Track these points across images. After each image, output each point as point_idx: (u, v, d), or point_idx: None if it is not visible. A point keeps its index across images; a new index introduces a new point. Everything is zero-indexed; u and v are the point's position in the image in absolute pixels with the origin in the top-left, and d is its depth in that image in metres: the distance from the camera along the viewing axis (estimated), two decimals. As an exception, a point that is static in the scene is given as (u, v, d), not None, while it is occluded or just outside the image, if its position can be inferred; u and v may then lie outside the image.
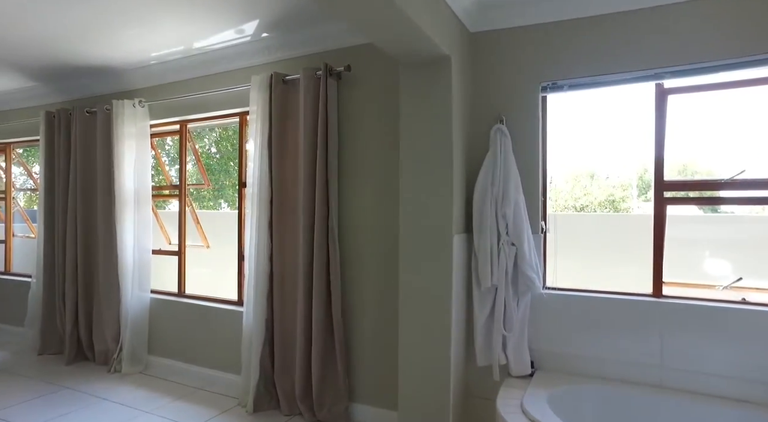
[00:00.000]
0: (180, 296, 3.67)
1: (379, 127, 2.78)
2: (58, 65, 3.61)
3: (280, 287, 2.98)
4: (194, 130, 10.91)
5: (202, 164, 4.12)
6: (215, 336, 3.37)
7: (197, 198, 11.28)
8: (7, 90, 4.40)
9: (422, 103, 2.37)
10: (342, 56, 2.88)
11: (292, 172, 2.99)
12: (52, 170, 4.07)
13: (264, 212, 3.00)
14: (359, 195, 2.84)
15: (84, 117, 3.85)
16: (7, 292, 4.69)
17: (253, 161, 3.04)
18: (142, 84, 3.74)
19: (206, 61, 3.35)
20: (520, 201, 2.34)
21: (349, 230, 2.87)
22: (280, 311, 2.97)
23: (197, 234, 4.14)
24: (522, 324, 2.35)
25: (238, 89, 3.24)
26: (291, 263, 2.98)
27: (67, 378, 3.48)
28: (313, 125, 2.84)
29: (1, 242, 5.04)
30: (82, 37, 3.04)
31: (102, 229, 3.75)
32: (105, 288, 3.72)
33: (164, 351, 3.61)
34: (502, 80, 2.52)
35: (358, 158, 2.85)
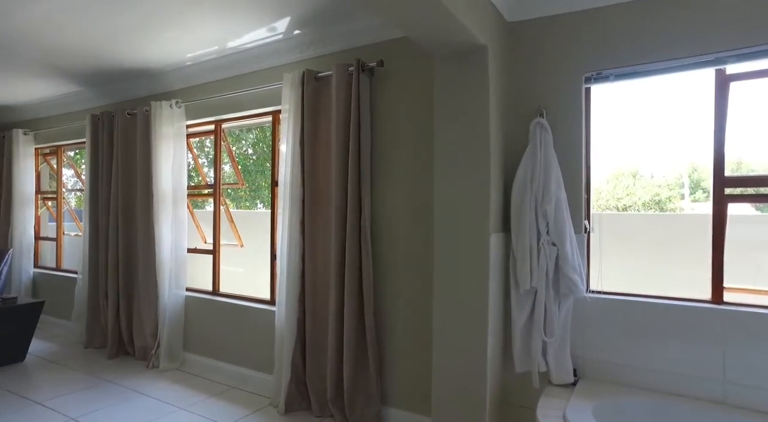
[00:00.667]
0: (214, 294, 3.71)
1: (413, 122, 2.70)
2: (102, 69, 3.73)
3: (312, 287, 2.95)
4: (232, 132, 11.14)
5: (236, 164, 4.16)
6: (248, 334, 3.38)
7: (234, 198, 11.53)
8: (58, 95, 4.60)
9: (458, 97, 2.27)
10: (374, 51, 2.82)
11: (325, 170, 2.95)
12: (97, 171, 4.21)
13: (296, 211, 2.97)
14: (392, 193, 2.77)
15: (125, 119, 3.96)
16: (58, 287, 4.90)
17: (285, 160, 3.02)
18: (179, 85, 3.81)
19: (239, 61, 3.37)
20: (561, 198, 2.20)
21: (382, 230, 2.80)
22: (312, 312, 2.94)
23: (232, 233, 4.18)
24: (564, 329, 2.21)
25: (271, 88, 3.23)
26: (323, 262, 2.94)
27: (109, 371, 3.58)
28: (345, 121, 2.79)
29: (53, 240, 5.28)
30: (123, 41, 3.11)
31: (141, 228, 3.84)
32: (144, 286, 3.81)
33: (199, 349, 3.66)
34: (542, 71, 2.38)
35: (392, 155, 2.78)
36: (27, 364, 3.80)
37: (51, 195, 5.36)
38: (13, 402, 3.04)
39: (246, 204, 11.96)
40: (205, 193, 4.10)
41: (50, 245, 5.36)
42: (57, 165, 5.19)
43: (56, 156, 5.18)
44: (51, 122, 5.02)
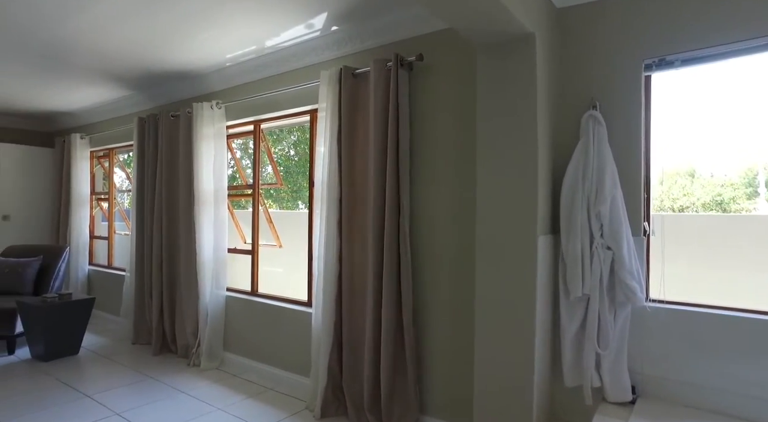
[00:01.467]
0: (253, 295, 3.71)
1: (454, 118, 2.57)
2: (147, 73, 3.82)
3: (348, 289, 2.88)
4: (273, 133, 11.25)
5: (275, 164, 4.16)
6: (286, 336, 3.35)
7: (277, 199, 11.73)
8: (110, 100, 4.78)
9: (502, 90, 2.13)
10: (414, 45, 2.71)
11: (362, 169, 2.87)
12: (143, 172, 4.33)
13: (333, 212, 2.91)
14: (433, 192, 2.65)
15: (169, 121, 4.05)
16: (110, 284, 5.10)
17: (322, 159, 2.97)
18: (219, 86, 3.85)
19: (278, 60, 3.35)
20: (617, 198, 2.01)
21: (422, 231, 2.69)
22: (349, 315, 2.86)
23: (271, 234, 4.18)
24: (620, 341, 2.02)
25: (308, 86, 3.19)
26: (360, 264, 2.86)
27: (153, 368, 3.66)
28: (383, 118, 2.70)
29: (105, 239, 5.51)
30: (164, 44, 3.16)
31: (183, 227, 3.91)
32: (186, 285, 3.87)
33: (238, 349, 3.67)
34: (596, 60, 2.19)
35: (432, 152, 2.66)
36: (80, 357, 3.95)
37: (104, 196, 5.59)
38: (65, 393, 3.15)
39: (288, 205, 12.15)
40: (244, 193, 4.13)
41: (103, 243, 5.59)
42: (109, 167, 5.41)
43: (109, 158, 5.40)
44: (104, 125, 5.23)
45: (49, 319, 3.78)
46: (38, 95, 4.65)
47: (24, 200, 5.67)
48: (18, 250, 4.72)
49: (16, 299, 4.05)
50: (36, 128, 6.07)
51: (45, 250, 4.68)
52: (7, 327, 3.93)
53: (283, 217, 5.33)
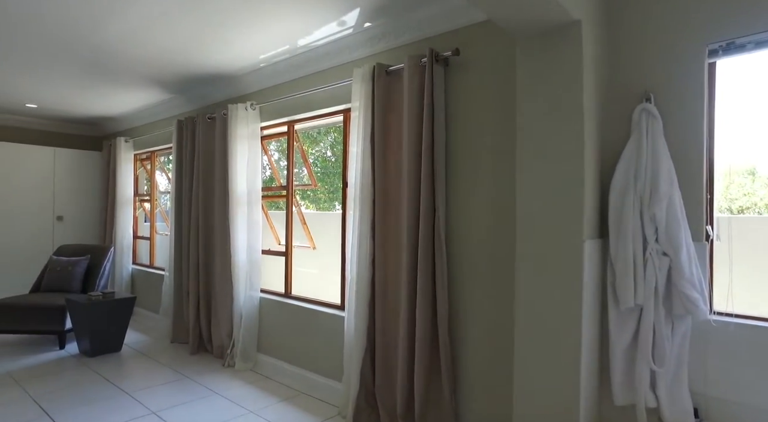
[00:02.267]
0: (286, 296, 3.69)
1: (493, 115, 2.43)
2: (184, 76, 3.88)
3: (382, 293, 2.79)
4: (311, 134, 11.29)
5: (309, 164, 4.13)
6: (318, 339, 3.30)
7: (314, 200, 11.82)
8: (151, 103, 4.91)
9: (545, 84, 1.98)
10: (449, 40, 2.59)
11: (396, 169, 2.78)
12: (181, 173, 4.41)
13: (366, 213, 2.83)
14: (470, 193, 2.52)
15: (206, 123, 4.10)
16: (151, 283, 5.24)
17: (355, 159, 2.90)
18: (253, 87, 3.86)
19: (310, 59, 3.30)
20: (675, 199, 1.82)
21: (458, 234, 2.56)
22: (382, 320, 2.77)
23: (305, 235, 4.16)
24: (679, 358, 1.82)
25: (341, 85, 3.13)
26: (394, 268, 2.76)
27: (189, 367, 3.70)
28: (417, 116, 2.59)
29: (147, 239, 5.68)
30: (199, 46, 3.18)
31: (219, 228, 3.94)
32: (221, 286, 3.89)
33: (272, 351, 3.66)
34: (650, 47, 2.00)
35: (469, 151, 2.53)
36: (122, 354, 4.06)
37: (146, 197, 5.76)
38: (107, 389, 3.23)
39: (325, 206, 12.22)
40: (278, 195, 4.12)
41: (145, 243, 5.76)
42: (151, 169, 5.57)
43: (150, 161, 5.56)
44: (146, 129, 5.39)
45: (94, 316, 3.90)
46: (87, 101, 4.83)
47: (76, 201, 5.93)
48: (69, 249, 4.93)
49: (65, 296, 4.21)
50: (86, 133, 6.34)
51: (92, 250, 4.86)
52: (57, 322, 4.09)
53: (319, 218, 5.30)
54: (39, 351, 4.15)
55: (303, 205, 11.51)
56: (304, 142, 11.74)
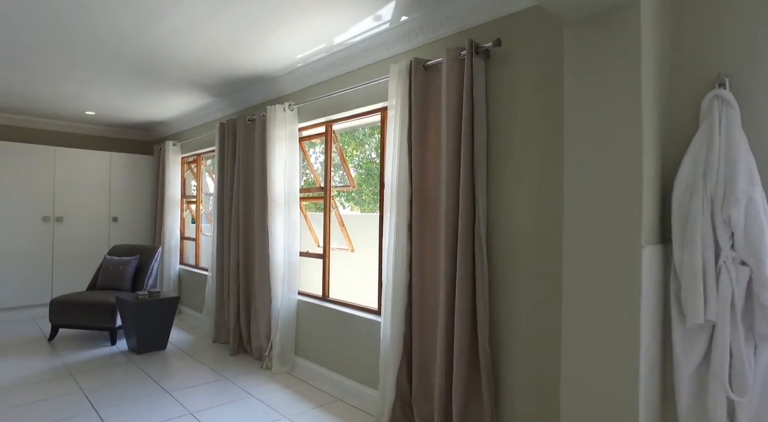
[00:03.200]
0: (324, 300, 3.63)
1: (537, 108, 2.24)
2: (225, 79, 3.92)
3: (419, 299, 2.65)
4: (356, 137, 11.22)
5: (347, 165, 4.06)
6: (355, 345, 3.21)
7: (358, 202, 11.80)
8: (196, 107, 5.03)
9: (597, 71, 1.77)
10: (490, 31, 2.43)
11: (434, 169, 2.64)
12: (223, 175, 4.47)
13: (403, 215, 2.70)
14: (513, 193, 2.34)
15: (246, 125, 4.12)
16: (197, 283, 5.36)
17: (391, 158, 2.78)
18: (291, 88, 3.83)
19: (347, 57, 3.22)
20: (756, 199, 1.57)
21: (500, 237, 2.38)
22: (419, 328, 2.64)
23: (343, 237, 4.09)
24: (765, 386, 1.56)
25: (378, 82, 3.02)
26: (431, 272, 2.62)
27: (229, 369, 3.72)
28: (456, 113, 2.44)
29: (193, 240, 5.83)
30: (237, 48, 3.18)
31: (258, 230, 3.94)
32: (260, 287, 3.89)
33: (309, 354, 3.61)
34: (725, 22, 1.75)
35: (511, 148, 2.35)
36: (167, 352, 4.15)
37: (192, 199, 5.92)
38: (149, 387, 3.28)
39: (369, 207, 12.18)
40: (315, 196, 4.08)
41: (192, 244, 5.92)
42: (197, 171, 5.71)
43: (196, 163, 5.70)
44: (192, 132, 5.53)
45: (140, 315, 4.01)
46: (138, 107, 5.02)
47: (129, 203, 6.19)
48: (121, 249, 5.13)
49: (115, 294, 4.37)
50: (139, 138, 6.62)
51: (141, 250, 5.03)
52: (108, 319, 4.24)
53: (362, 220, 5.23)
54: (93, 345, 4.32)
55: (348, 207, 11.53)
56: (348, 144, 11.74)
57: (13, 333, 4.77)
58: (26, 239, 5.44)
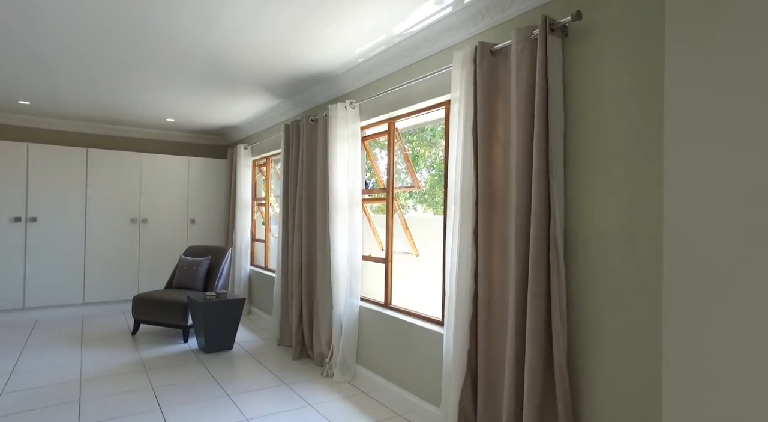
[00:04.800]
0: (385, 307, 3.44)
1: (627, 90, 1.88)
2: (288, 79, 3.88)
3: (486, 313, 2.37)
4: (425, 138, 10.96)
5: (411, 164, 3.85)
6: (416, 357, 2.98)
7: (431, 204, 11.53)
8: (264, 110, 5.09)
9: (709, 37, 1.41)
10: (567, 3, 2.10)
11: (503, 166, 2.35)
12: (287, 177, 4.46)
13: (467, 218, 2.44)
14: (596, 193, 1.99)
15: (309, 125, 4.06)
16: (265, 284, 5.44)
17: (455, 155, 2.53)
18: (352, 86, 3.70)
19: (408, 49, 3.02)
20: None
21: (580, 242, 2.04)
22: (486, 345, 2.35)
23: (407, 241, 3.88)
24: None
25: (442, 73, 2.79)
26: (500, 283, 2.33)
27: (290, 374, 3.65)
28: (528, 100, 2.14)
29: (262, 241, 5.93)
30: (295, 45, 3.10)
31: (321, 232, 3.85)
32: (322, 291, 3.80)
33: (370, 363, 3.44)
34: None
35: (594, 138, 2.00)
36: (233, 353, 4.20)
37: (262, 201, 6.03)
38: (212, 389, 3.30)
39: (441, 210, 11.90)
40: (378, 197, 3.91)
41: (262, 245, 6.03)
42: (266, 174, 5.80)
43: (266, 166, 5.79)
44: (261, 135, 5.63)
45: (207, 315, 4.09)
46: (212, 112, 5.19)
47: (205, 205, 6.46)
48: (195, 250, 5.33)
49: (187, 293, 4.51)
50: (213, 142, 6.90)
51: (213, 251, 5.18)
52: (181, 318, 4.39)
53: (428, 222, 4.99)
54: (168, 342, 4.49)
55: (421, 208, 11.29)
56: (419, 145, 11.50)
57: (104, 326, 5.12)
58: (117, 240, 5.85)
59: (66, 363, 3.86)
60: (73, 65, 3.61)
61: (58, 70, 3.73)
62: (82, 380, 3.48)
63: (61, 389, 3.30)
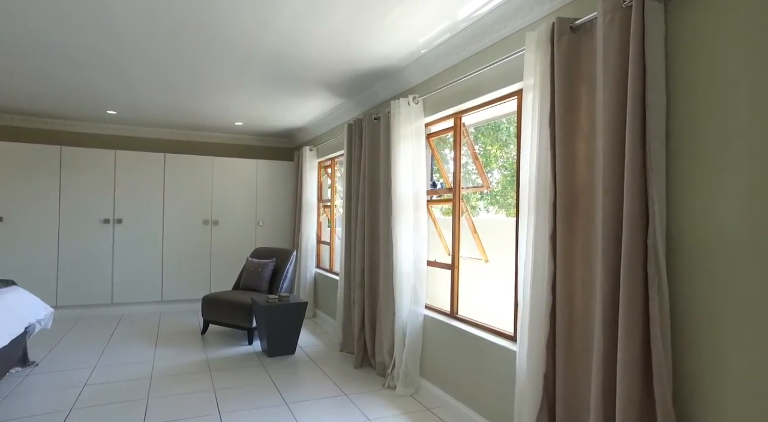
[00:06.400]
0: (451, 317, 3.18)
1: (756, 68, 1.48)
2: (349, 76, 3.74)
3: (566, 332, 2.04)
4: (499, 138, 10.55)
5: (479, 162, 3.54)
6: (486, 374, 2.69)
7: (504, 205, 10.99)
8: (327, 110, 5.03)
9: None
10: (672, -40, 1.73)
11: (586, 160, 2.01)
12: (350, 177, 4.33)
13: (543, 221, 2.13)
14: (708, 192, 1.61)
15: (371, 124, 3.90)
16: (330, 287, 5.37)
17: (528, 150, 2.23)
18: (417, 79, 3.48)
19: (475, 34, 2.74)
20: None
21: (689, 253, 1.66)
22: (566, 368, 2.02)
23: (476, 245, 3.57)
24: None
25: (513, 57, 2.48)
26: (583, 297, 1.99)
27: (350, 383, 3.50)
28: (618, 82, 1.79)
29: (327, 244, 5.88)
30: (355, 37, 2.93)
31: (383, 235, 3.67)
32: (384, 298, 3.61)
33: (435, 378, 3.19)
34: None
35: (709, 130, 1.62)
36: (295, 358, 4.14)
37: (328, 203, 5.99)
38: (271, 396, 3.22)
39: (513, 211, 11.28)
40: (443, 198, 3.65)
41: (327, 248, 5.98)
42: (331, 175, 5.75)
43: (331, 167, 5.74)
44: (326, 136, 5.58)
45: (269, 318, 4.06)
46: (278, 114, 5.22)
47: (272, 207, 6.55)
48: (261, 252, 5.38)
49: (251, 295, 4.54)
50: (281, 145, 7.00)
51: (277, 253, 5.20)
52: (245, 319, 4.42)
53: (500, 225, 4.64)
54: (234, 343, 4.54)
55: (492, 210, 10.80)
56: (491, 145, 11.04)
57: (177, 324, 5.33)
58: (191, 241, 6.09)
59: (141, 360, 4.00)
60: (149, 73, 3.74)
61: (138, 78, 3.88)
62: (152, 377, 3.58)
63: (133, 385, 3.40)
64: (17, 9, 2.59)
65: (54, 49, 3.21)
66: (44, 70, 3.73)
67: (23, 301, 3.65)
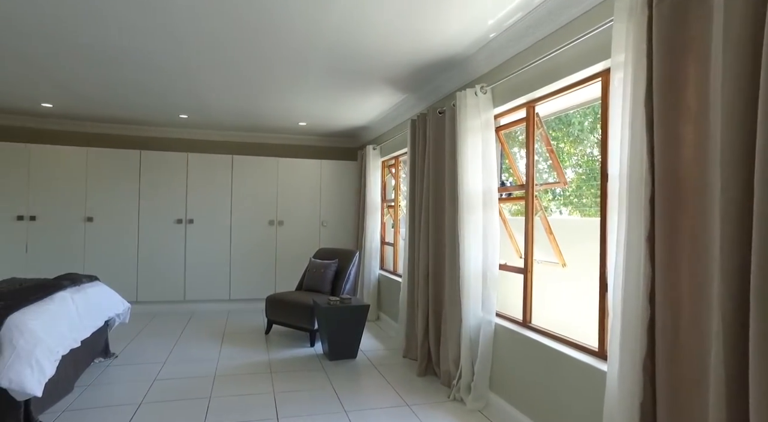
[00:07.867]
0: (524, 326, 2.88)
1: None
2: (412, 69, 3.55)
3: (668, 349, 1.70)
4: (571, 132, 9.90)
5: (555, 156, 3.20)
6: (565, 392, 2.38)
7: (578, 206, 10.29)
8: (390, 107, 4.87)
9: None
10: None
11: (695, 147, 1.66)
12: (414, 176, 4.13)
13: (637, 220, 1.80)
14: None
15: (436, 118, 3.68)
16: (394, 289, 5.20)
17: (619, 138, 1.91)
18: (485, 67, 3.21)
19: (551, 11, 2.44)
20: None
21: None
22: (669, 397, 1.68)
23: (552, 248, 3.23)
24: None
25: (597, 32, 2.16)
26: (691, 312, 1.65)
27: (413, 394, 3.29)
28: (741, 52, 1.45)
29: (391, 245, 5.72)
30: (416, 22, 2.74)
31: (449, 236, 3.43)
32: (450, 303, 3.37)
33: (506, 393, 2.90)
34: None
35: None
36: (356, 362, 4.00)
37: (392, 203, 5.83)
38: (330, 403, 3.10)
39: (591, 211, 10.52)
40: (514, 196, 3.35)
41: (391, 249, 5.82)
42: (395, 174, 5.58)
43: (395, 166, 5.58)
44: (389, 134, 5.43)
45: (330, 320, 3.96)
46: (340, 112, 5.15)
47: (336, 208, 6.52)
48: (323, 252, 5.33)
49: (313, 297, 4.48)
50: (344, 145, 6.96)
51: (340, 254, 5.11)
52: (307, 321, 4.36)
53: (575, 227, 4.24)
54: (296, 344, 4.51)
55: (566, 211, 10.15)
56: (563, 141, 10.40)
57: (243, 323, 5.41)
58: (257, 241, 6.20)
59: (206, 357, 4.06)
60: (215, 74, 3.78)
61: (205, 80, 3.95)
62: (215, 376, 3.60)
63: (197, 384, 3.43)
64: (110, 22, 2.67)
65: (141, 57, 3.32)
66: (130, 79, 3.90)
67: (104, 296, 3.83)
